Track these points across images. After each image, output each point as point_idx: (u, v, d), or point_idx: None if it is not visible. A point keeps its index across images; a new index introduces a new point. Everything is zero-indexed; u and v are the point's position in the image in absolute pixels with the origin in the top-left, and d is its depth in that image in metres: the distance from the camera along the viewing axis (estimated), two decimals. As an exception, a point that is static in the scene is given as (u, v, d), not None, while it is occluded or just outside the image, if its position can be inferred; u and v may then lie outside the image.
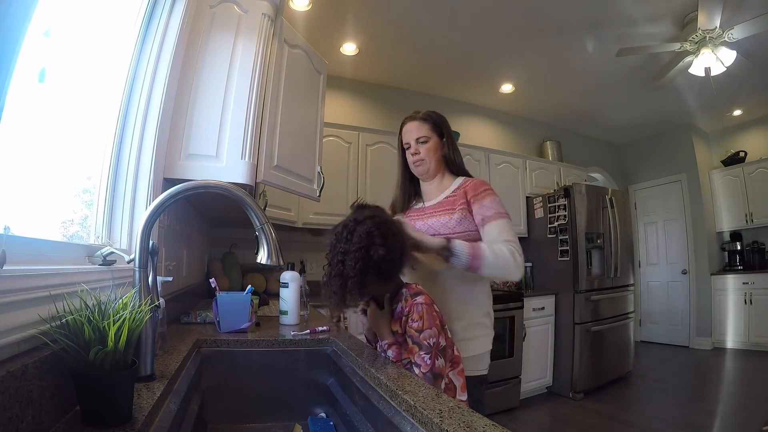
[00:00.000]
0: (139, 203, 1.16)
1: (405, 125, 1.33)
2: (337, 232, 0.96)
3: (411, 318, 0.97)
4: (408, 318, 0.98)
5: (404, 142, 1.33)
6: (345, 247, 0.93)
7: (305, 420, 1.12)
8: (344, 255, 0.92)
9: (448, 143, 1.32)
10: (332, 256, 0.95)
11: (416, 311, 0.96)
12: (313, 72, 2.01)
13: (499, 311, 3.04)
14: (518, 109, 4.54)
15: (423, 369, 0.92)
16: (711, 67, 2.97)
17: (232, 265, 2.57)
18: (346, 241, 0.93)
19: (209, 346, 1.16)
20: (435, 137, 1.30)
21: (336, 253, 0.94)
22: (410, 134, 1.30)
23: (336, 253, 0.94)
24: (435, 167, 1.30)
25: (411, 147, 1.30)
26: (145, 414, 0.58)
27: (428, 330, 0.94)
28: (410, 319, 0.97)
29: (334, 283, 0.93)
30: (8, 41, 0.55)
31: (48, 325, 0.54)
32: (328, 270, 0.95)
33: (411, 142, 1.30)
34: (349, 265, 0.91)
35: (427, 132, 1.29)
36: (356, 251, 0.91)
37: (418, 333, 0.95)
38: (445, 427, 0.55)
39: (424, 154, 1.28)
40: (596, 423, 2.76)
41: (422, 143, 1.28)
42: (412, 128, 1.30)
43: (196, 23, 1.40)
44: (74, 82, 0.95)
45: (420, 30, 3.06)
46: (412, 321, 0.96)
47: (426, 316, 0.96)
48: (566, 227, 3.48)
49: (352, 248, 0.91)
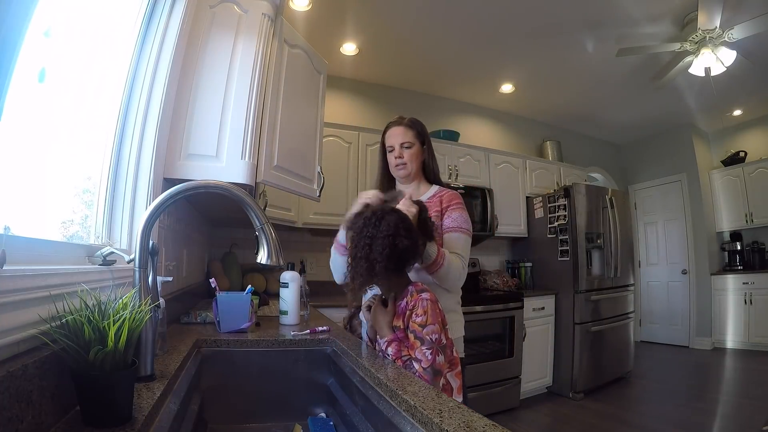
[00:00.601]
0: (139, 203, 1.16)
1: (390, 129, 1.39)
2: (366, 217, 1.01)
3: (415, 312, 0.98)
4: (412, 313, 0.98)
5: (388, 144, 1.38)
6: (373, 232, 0.98)
7: (305, 420, 1.12)
8: (372, 240, 0.98)
9: (428, 152, 1.40)
10: (359, 239, 1.00)
11: (421, 306, 0.98)
12: (313, 72, 2.01)
13: (499, 311, 3.05)
14: (518, 109, 4.54)
15: (424, 364, 0.92)
16: (711, 67, 2.97)
17: (232, 265, 2.57)
18: (374, 226, 0.98)
19: (209, 346, 1.16)
20: (418, 144, 1.36)
21: (363, 237, 0.99)
22: (395, 138, 1.36)
23: (363, 237, 0.99)
24: (415, 172, 1.38)
25: (395, 150, 1.35)
26: (145, 414, 0.58)
27: (431, 326, 0.95)
28: (414, 314, 0.98)
29: (360, 265, 0.98)
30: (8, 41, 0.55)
31: (48, 325, 0.54)
32: (353, 251, 1.01)
33: (395, 145, 1.35)
34: (377, 251, 0.96)
35: (411, 138, 1.35)
36: (384, 238, 0.96)
37: (421, 328, 0.95)
38: (445, 427, 0.55)
39: (407, 158, 1.34)
40: (596, 423, 2.76)
41: (406, 148, 1.35)
42: (398, 132, 1.36)
43: (196, 23, 1.40)
44: (74, 82, 0.95)
45: (420, 30, 3.06)
46: (416, 315, 0.97)
47: (430, 312, 0.97)
48: (566, 227, 3.48)
49: (380, 234, 0.97)
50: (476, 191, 3.46)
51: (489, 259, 3.97)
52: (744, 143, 4.98)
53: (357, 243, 1.00)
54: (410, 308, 0.99)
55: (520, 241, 3.97)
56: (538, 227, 3.79)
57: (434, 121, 3.85)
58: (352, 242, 1.03)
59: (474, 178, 3.55)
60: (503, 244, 4.12)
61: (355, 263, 1.00)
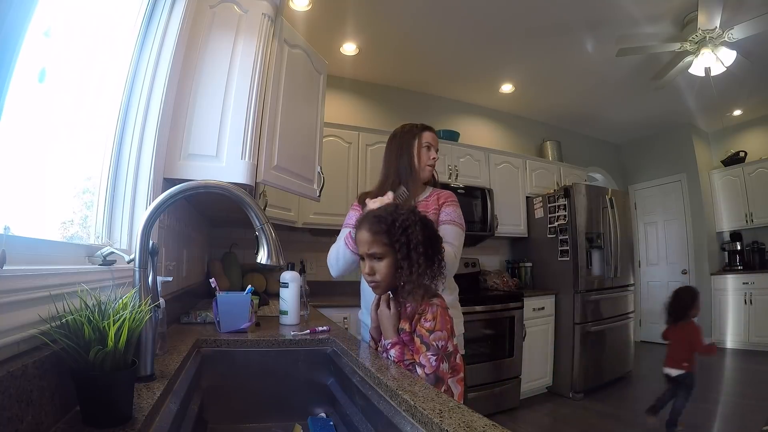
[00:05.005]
0: (139, 203, 1.16)
1: (429, 132, 1.50)
2: (393, 210, 1.03)
3: (425, 317, 0.96)
4: (421, 317, 0.97)
5: (427, 141, 1.47)
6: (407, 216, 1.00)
7: (305, 420, 1.12)
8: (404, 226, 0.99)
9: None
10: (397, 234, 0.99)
11: (430, 311, 0.97)
12: (313, 72, 2.01)
13: (499, 311, 3.05)
14: (518, 109, 4.54)
15: (427, 370, 0.92)
16: (711, 67, 2.97)
17: (232, 265, 2.57)
18: (407, 217, 1.00)
19: (209, 346, 1.16)
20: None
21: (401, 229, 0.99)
22: (435, 142, 1.49)
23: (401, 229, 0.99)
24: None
25: (431, 150, 1.48)
26: (145, 414, 0.58)
27: (439, 332, 0.94)
28: (423, 318, 0.97)
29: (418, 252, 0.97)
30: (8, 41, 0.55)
31: (48, 325, 0.54)
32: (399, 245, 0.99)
33: (434, 147, 1.49)
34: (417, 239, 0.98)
35: (437, 147, 1.52)
36: (416, 223, 0.99)
37: (429, 333, 0.94)
38: (445, 426, 0.55)
39: (434, 165, 1.49)
40: (596, 423, 2.76)
41: (436, 153, 1.51)
42: (436, 140, 1.51)
43: (196, 23, 1.40)
44: (74, 82, 0.95)
45: (420, 30, 3.06)
46: (425, 320, 0.96)
47: (439, 319, 0.96)
48: (566, 227, 3.48)
49: (414, 218, 1.00)
50: (476, 191, 3.46)
51: (489, 259, 3.97)
52: (744, 143, 4.98)
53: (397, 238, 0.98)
54: (419, 312, 0.98)
55: (520, 241, 3.97)
56: (538, 227, 3.79)
57: (434, 121, 3.84)
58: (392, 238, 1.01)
59: (474, 178, 3.55)
60: (503, 244, 4.12)
61: (410, 254, 0.98)
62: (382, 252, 1.00)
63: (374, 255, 1.00)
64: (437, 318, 0.95)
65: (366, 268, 1.02)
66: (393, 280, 1.02)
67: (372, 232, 1.00)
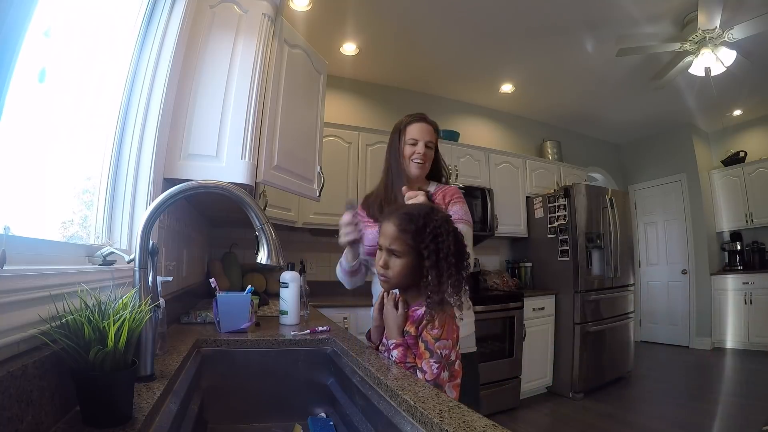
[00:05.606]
0: (139, 203, 1.16)
1: (417, 123, 1.39)
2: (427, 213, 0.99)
3: (432, 324, 0.96)
4: (429, 323, 0.97)
5: (411, 137, 1.37)
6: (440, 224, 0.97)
7: (305, 420, 1.12)
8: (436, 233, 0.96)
9: (437, 155, 1.45)
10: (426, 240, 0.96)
11: (439, 319, 0.95)
12: (313, 72, 2.01)
13: (498, 311, 3.05)
14: (518, 109, 4.54)
15: (428, 376, 0.91)
16: (711, 67, 2.97)
17: (232, 265, 2.57)
18: (440, 224, 0.97)
19: (209, 346, 1.16)
20: (434, 148, 1.42)
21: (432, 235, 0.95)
22: (422, 134, 1.37)
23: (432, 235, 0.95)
24: (426, 173, 1.42)
25: (418, 145, 1.36)
26: (145, 414, 0.58)
27: (445, 341, 0.94)
28: (431, 325, 0.96)
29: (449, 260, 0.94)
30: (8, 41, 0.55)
31: (48, 325, 0.54)
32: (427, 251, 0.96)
33: (421, 141, 1.37)
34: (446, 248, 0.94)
35: (434, 139, 1.40)
36: (449, 233, 0.96)
37: (434, 340, 0.94)
38: (445, 427, 0.55)
39: (426, 158, 1.37)
40: (596, 423, 2.76)
41: (428, 148, 1.38)
42: (425, 130, 1.38)
43: (196, 23, 1.40)
44: (74, 82, 0.95)
45: (420, 30, 3.06)
46: (432, 327, 0.95)
47: (447, 327, 0.95)
48: (566, 227, 3.48)
49: (447, 228, 0.97)
50: (476, 191, 3.46)
51: (489, 259, 3.97)
52: (744, 143, 4.98)
53: (423, 242, 0.95)
54: (428, 318, 0.97)
55: (520, 241, 3.97)
56: (538, 227, 3.79)
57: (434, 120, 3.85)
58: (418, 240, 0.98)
59: (474, 178, 3.55)
60: (503, 244, 4.12)
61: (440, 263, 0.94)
62: (403, 251, 0.98)
63: (394, 251, 0.99)
64: (445, 326, 0.95)
65: (381, 261, 1.00)
66: (403, 280, 1.00)
67: (399, 229, 0.98)
